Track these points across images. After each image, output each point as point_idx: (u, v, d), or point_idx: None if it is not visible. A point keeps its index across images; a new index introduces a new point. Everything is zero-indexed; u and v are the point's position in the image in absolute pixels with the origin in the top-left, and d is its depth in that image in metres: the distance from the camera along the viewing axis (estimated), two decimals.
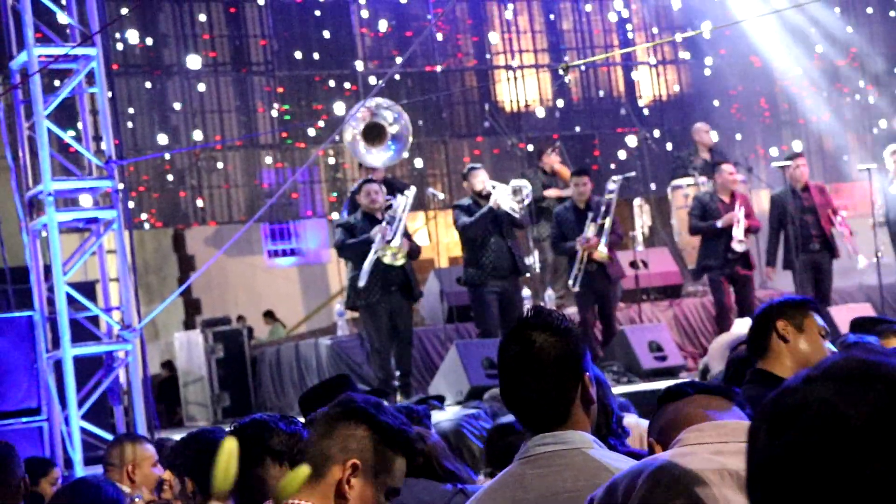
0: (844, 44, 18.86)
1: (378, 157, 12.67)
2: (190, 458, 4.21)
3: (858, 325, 6.19)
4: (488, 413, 7.28)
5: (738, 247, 12.42)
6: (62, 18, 10.21)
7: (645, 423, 6.08)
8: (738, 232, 12.43)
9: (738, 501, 2.36)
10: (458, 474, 5.34)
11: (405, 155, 13.68)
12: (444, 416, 7.01)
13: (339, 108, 15.09)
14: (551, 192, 14.16)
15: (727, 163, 13.46)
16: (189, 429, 12.78)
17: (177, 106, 16.46)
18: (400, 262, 11.23)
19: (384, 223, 11.26)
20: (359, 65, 17.16)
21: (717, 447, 2.48)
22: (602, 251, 12.14)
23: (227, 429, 3.77)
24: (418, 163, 17.24)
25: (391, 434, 3.00)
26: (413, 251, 11.51)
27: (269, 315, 17.81)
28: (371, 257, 11.14)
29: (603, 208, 12.30)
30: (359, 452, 2.94)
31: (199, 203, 16.62)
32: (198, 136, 16.41)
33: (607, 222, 12.24)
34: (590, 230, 12.21)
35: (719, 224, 12.60)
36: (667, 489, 2.41)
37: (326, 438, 2.95)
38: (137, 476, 5.76)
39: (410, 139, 12.88)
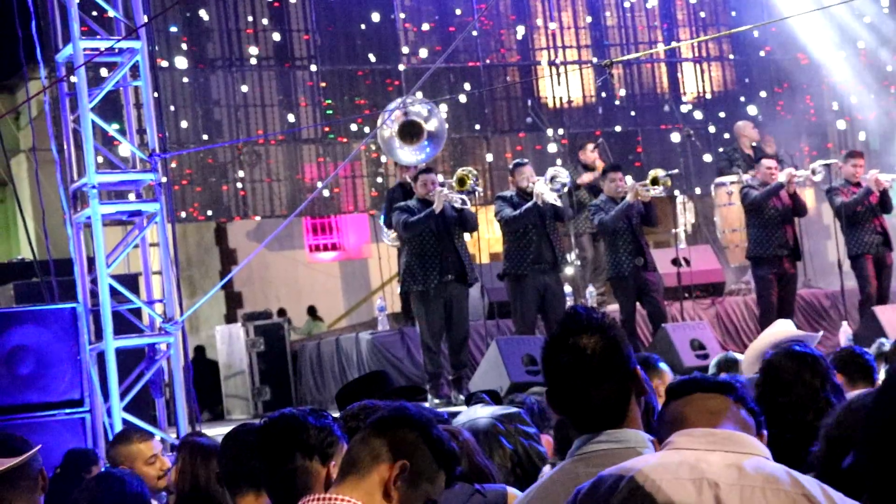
0: (892, 40, 18.68)
1: (412, 155, 12.73)
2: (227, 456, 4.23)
3: None
4: (535, 409, 7.24)
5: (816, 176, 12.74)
6: (108, 12, 10.26)
7: None
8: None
9: None
10: (488, 472, 5.33)
11: (438, 153, 13.66)
12: (479, 414, 7.00)
13: (382, 103, 15.10)
14: (585, 178, 14.13)
15: (768, 157, 13.40)
16: (229, 422, 12.85)
17: (220, 100, 16.52)
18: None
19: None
20: (402, 60, 17.16)
21: (702, 455, 2.46)
22: (649, 193, 12.16)
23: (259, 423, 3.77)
24: (460, 158, 17.21)
25: (440, 447, 3.02)
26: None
27: (311, 311, 17.85)
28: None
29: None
30: (409, 456, 2.94)
31: (242, 197, 16.68)
32: (241, 129, 16.47)
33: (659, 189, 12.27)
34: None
35: (782, 178, 12.58)
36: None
37: (379, 437, 2.96)
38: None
39: (445, 136, 12.89)
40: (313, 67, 17.10)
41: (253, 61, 16.83)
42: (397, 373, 12.19)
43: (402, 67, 17.09)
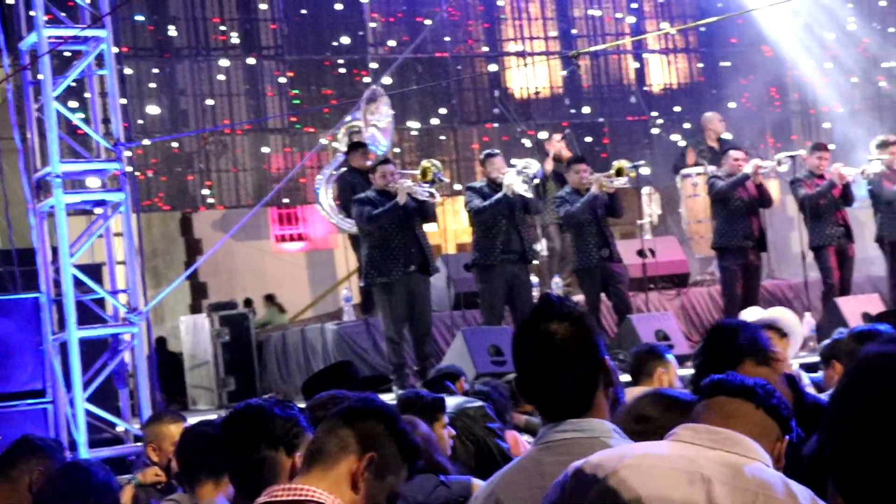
0: (856, 34, 18.79)
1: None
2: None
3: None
4: (494, 396, 7.25)
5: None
6: (73, 0, 10.20)
7: None
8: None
9: None
10: (444, 466, 5.35)
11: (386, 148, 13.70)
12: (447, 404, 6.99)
13: (349, 93, 15.08)
14: (548, 166, 14.16)
15: (736, 149, 13.47)
16: (194, 413, 12.81)
17: (186, 89, 16.45)
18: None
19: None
20: (369, 50, 17.13)
21: (702, 451, 2.48)
22: (613, 184, 12.20)
23: (224, 415, 3.77)
24: (427, 149, 17.21)
25: (406, 440, 3.02)
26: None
27: (270, 299, 17.78)
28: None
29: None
30: (377, 448, 2.95)
31: (207, 187, 16.62)
32: (206, 119, 16.40)
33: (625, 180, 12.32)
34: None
35: (748, 169, 12.65)
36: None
37: (346, 427, 2.96)
38: (159, 455, 5.79)
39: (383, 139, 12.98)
40: (280, 57, 17.05)
41: (219, 51, 16.76)
42: (363, 363, 12.18)
43: (369, 58, 17.06)
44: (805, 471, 2.98)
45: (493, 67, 18.20)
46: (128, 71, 15.69)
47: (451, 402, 6.60)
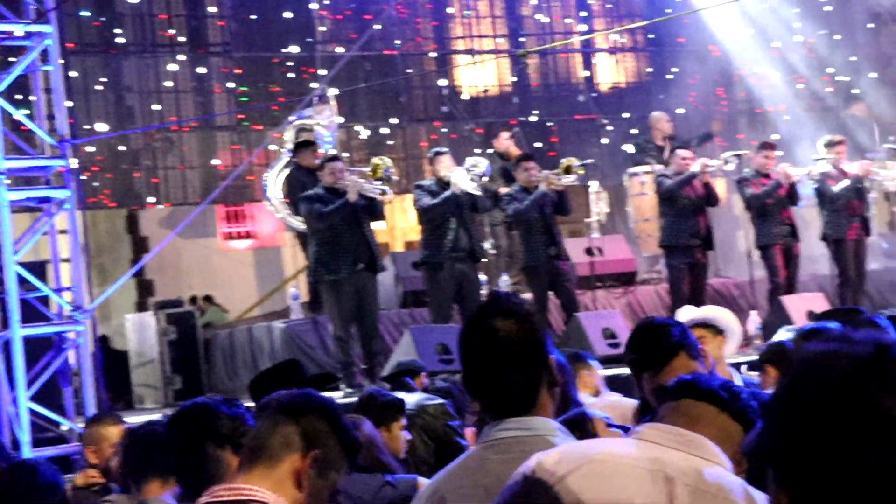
0: (802, 35, 18.96)
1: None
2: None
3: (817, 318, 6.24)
4: (453, 391, 7.25)
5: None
6: None
7: (627, 401, 6.08)
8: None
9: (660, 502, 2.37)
10: (389, 466, 5.34)
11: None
12: (406, 402, 6.98)
13: (297, 91, 15.03)
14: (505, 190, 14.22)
15: (684, 148, 13.56)
16: (140, 412, 12.72)
17: (132, 85, 16.32)
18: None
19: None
20: (317, 48, 17.08)
21: (665, 451, 2.48)
22: (561, 181, 12.25)
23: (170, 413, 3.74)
24: (374, 146, 17.18)
25: (347, 437, 3.01)
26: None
27: (209, 300, 17.65)
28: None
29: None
30: (321, 445, 2.92)
31: (154, 184, 16.50)
32: (153, 116, 16.28)
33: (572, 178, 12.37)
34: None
35: (696, 168, 12.73)
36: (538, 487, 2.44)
37: (289, 424, 2.91)
38: (98, 457, 5.73)
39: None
40: (228, 54, 16.96)
41: (166, 48, 16.64)
42: (310, 362, 12.13)
43: (317, 56, 17.00)
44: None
45: (441, 65, 18.20)
46: (74, 67, 15.55)
47: (411, 398, 6.60)
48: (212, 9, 16.88)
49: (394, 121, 17.64)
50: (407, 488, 5.21)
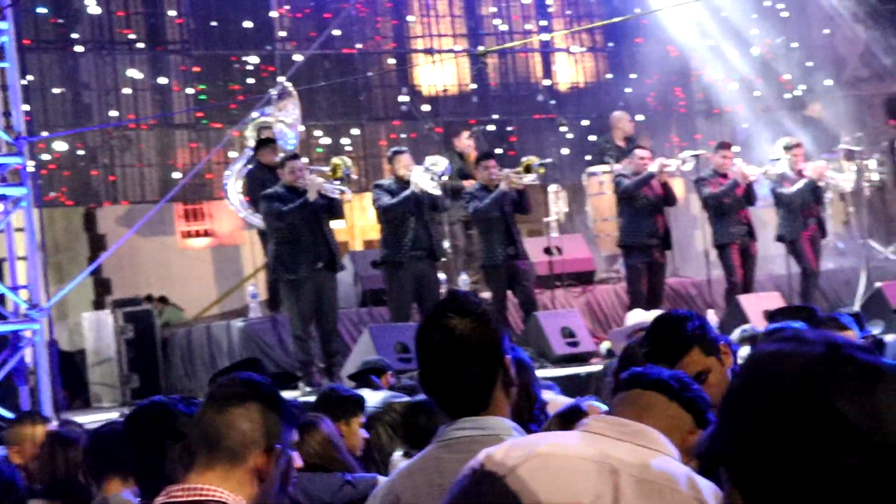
0: (760, 35, 19.08)
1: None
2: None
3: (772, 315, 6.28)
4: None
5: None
6: None
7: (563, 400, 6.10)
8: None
9: (606, 496, 2.38)
10: (348, 465, 5.34)
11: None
12: (371, 400, 6.97)
13: (256, 89, 14.98)
14: (469, 183, 14.20)
15: (641, 147, 13.63)
16: (97, 410, 12.65)
17: (90, 83, 16.22)
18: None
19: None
20: (276, 46, 17.03)
21: (612, 442, 2.49)
22: (522, 180, 12.28)
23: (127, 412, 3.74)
24: (334, 145, 17.15)
25: (293, 420, 2.99)
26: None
27: (164, 300, 17.51)
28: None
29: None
30: (278, 437, 2.89)
31: (112, 182, 16.41)
32: (111, 114, 16.19)
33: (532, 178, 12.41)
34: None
35: (653, 168, 12.80)
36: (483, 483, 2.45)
37: (246, 421, 2.86)
38: (22, 457, 5.68)
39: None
40: (187, 52, 16.88)
41: (124, 45, 16.54)
42: (269, 360, 12.11)
43: (276, 53, 16.95)
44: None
45: (400, 64, 18.19)
46: (30, 64, 15.43)
47: (378, 396, 6.60)
48: (171, 10, 16.79)
49: (353, 119, 17.62)
50: (367, 487, 5.21)
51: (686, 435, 2.74)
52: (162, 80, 16.69)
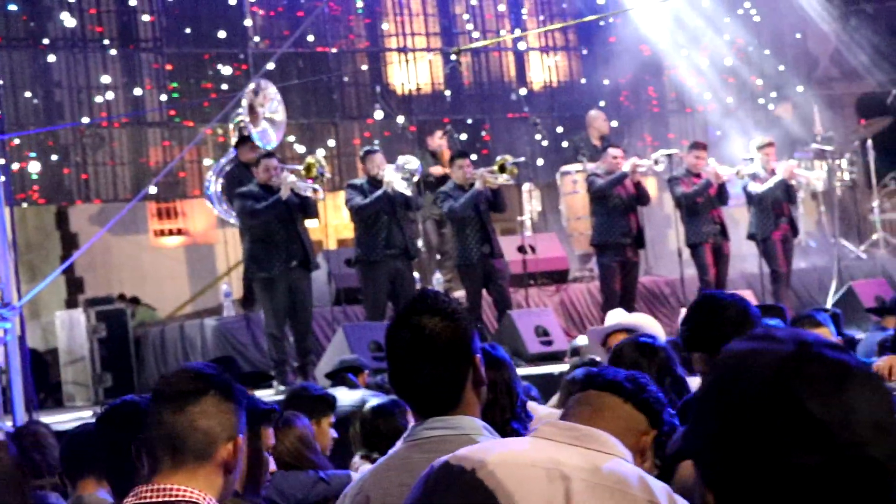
0: (731, 35, 19.15)
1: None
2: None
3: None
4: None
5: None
6: None
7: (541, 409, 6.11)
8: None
9: (558, 502, 2.38)
10: (318, 464, 5.34)
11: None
12: (348, 398, 6.98)
13: (229, 87, 14.94)
14: (436, 170, 14.20)
15: (615, 146, 13.67)
16: (69, 410, 12.60)
17: (62, 81, 16.14)
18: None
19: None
20: (249, 44, 16.99)
21: (563, 448, 2.48)
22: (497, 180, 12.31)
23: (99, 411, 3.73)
24: (308, 144, 17.12)
25: (250, 403, 2.99)
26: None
27: (135, 301, 17.46)
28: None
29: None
30: (238, 425, 2.87)
31: (84, 180, 16.33)
32: (83, 111, 16.12)
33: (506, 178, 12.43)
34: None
35: (626, 167, 12.85)
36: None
37: (206, 419, 2.84)
38: None
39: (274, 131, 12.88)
40: (159, 50, 16.82)
41: (95, 42, 16.46)
42: (242, 359, 12.09)
43: (250, 51, 16.91)
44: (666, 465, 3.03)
45: (374, 63, 18.17)
46: (1, 61, 15.35)
47: (355, 395, 6.60)
48: (143, 8, 16.71)
49: (326, 117, 17.59)
50: (340, 484, 5.22)
51: (640, 436, 2.75)
52: (134, 79, 16.62)
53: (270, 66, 14.63)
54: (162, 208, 19.02)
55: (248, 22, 17.19)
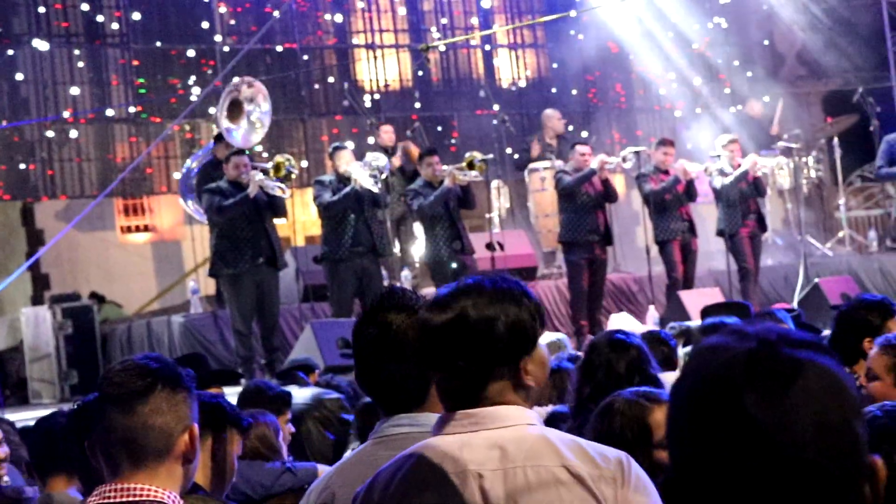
0: (699, 32, 19.21)
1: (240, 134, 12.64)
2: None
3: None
4: (350, 393, 7.23)
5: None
6: None
7: None
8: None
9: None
10: (281, 454, 5.33)
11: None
12: (300, 396, 6.94)
13: (196, 83, 14.88)
14: (396, 161, 14.18)
15: (582, 143, 13.71)
16: (35, 407, 12.52)
17: (27, 77, 16.03)
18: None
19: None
20: (216, 40, 16.92)
21: (466, 439, 2.47)
22: (466, 176, 12.31)
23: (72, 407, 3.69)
24: (276, 140, 17.08)
25: (228, 414, 2.97)
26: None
27: (101, 300, 17.33)
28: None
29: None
30: (191, 415, 2.82)
31: (49, 176, 16.23)
32: (49, 107, 16.02)
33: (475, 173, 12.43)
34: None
35: (594, 165, 12.88)
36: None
37: (160, 416, 2.77)
38: None
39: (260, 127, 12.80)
40: (126, 45, 16.73)
41: (62, 37, 16.36)
42: (209, 356, 12.04)
43: (217, 47, 16.84)
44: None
45: (342, 60, 18.13)
46: None
47: (309, 392, 6.58)
48: (109, 3, 16.62)
49: (294, 114, 17.55)
50: (306, 476, 5.21)
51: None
52: (101, 75, 16.52)
53: (236, 63, 14.57)
54: (129, 205, 18.92)
55: (215, 18, 17.12)
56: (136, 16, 16.64)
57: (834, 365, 1.45)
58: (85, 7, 16.44)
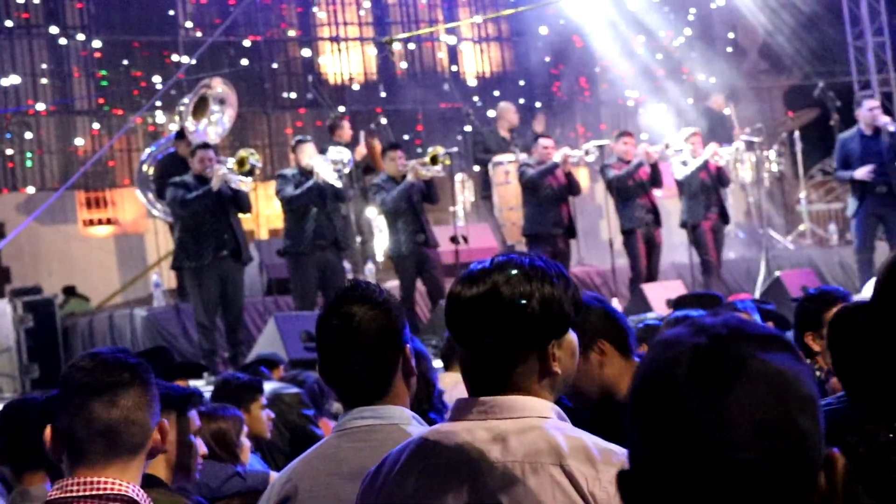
0: (664, 27, 19.28)
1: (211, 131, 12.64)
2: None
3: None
4: (315, 389, 7.22)
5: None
6: None
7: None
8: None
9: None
10: (240, 459, 5.32)
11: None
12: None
13: (159, 75, 14.82)
14: (358, 156, 14.18)
15: (546, 136, 13.75)
16: None
17: None
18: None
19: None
20: (179, 32, 16.84)
21: (473, 427, 2.44)
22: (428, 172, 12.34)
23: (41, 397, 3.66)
24: (239, 133, 17.02)
25: (176, 394, 2.97)
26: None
27: (69, 291, 17.24)
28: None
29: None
30: (159, 410, 2.82)
31: (10, 169, 16.12)
32: (9, 98, 15.90)
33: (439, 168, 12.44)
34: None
35: (557, 158, 12.91)
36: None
37: (139, 410, 2.76)
38: None
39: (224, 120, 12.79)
40: (87, 37, 16.62)
41: (22, 28, 16.24)
42: (172, 350, 11.99)
43: (180, 39, 16.76)
44: None
45: (306, 52, 18.08)
46: None
47: (267, 387, 6.57)
48: None
49: (258, 107, 17.49)
50: (257, 482, 5.18)
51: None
52: (62, 66, 16.42)
53: (199, 55, 14.51)
54: (91, 197, 18.80)
55: (178, 9, 17.05)
56: (98, 7, 16.53)
57: (784, 360, 1.41)
58: None
